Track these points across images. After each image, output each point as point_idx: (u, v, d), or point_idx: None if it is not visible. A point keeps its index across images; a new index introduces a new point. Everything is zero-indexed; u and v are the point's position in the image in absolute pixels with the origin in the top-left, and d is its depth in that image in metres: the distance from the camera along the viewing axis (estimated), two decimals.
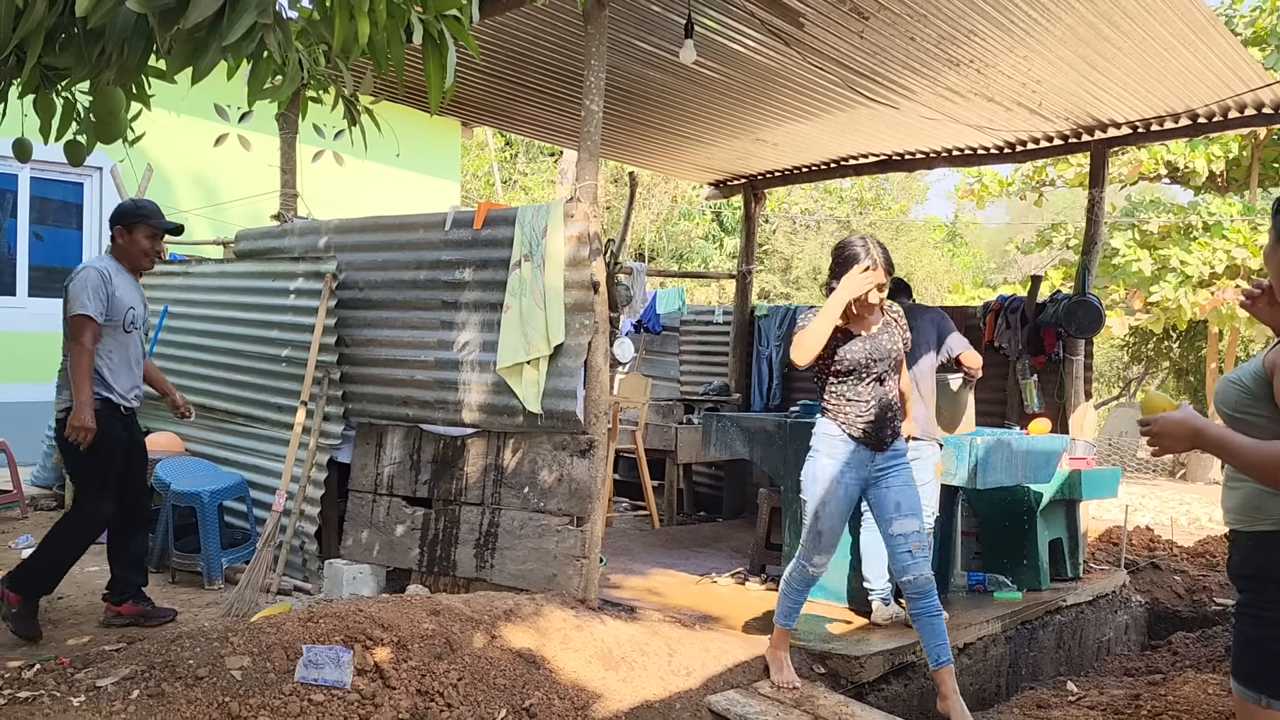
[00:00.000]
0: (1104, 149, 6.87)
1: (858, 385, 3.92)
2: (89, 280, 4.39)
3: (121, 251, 4.59)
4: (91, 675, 3.04)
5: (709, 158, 7.99)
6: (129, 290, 4.57)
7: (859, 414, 3.91)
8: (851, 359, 3.90)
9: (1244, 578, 2.29)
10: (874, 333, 3.96)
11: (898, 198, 25.80)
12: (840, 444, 3.92)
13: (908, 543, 3.87)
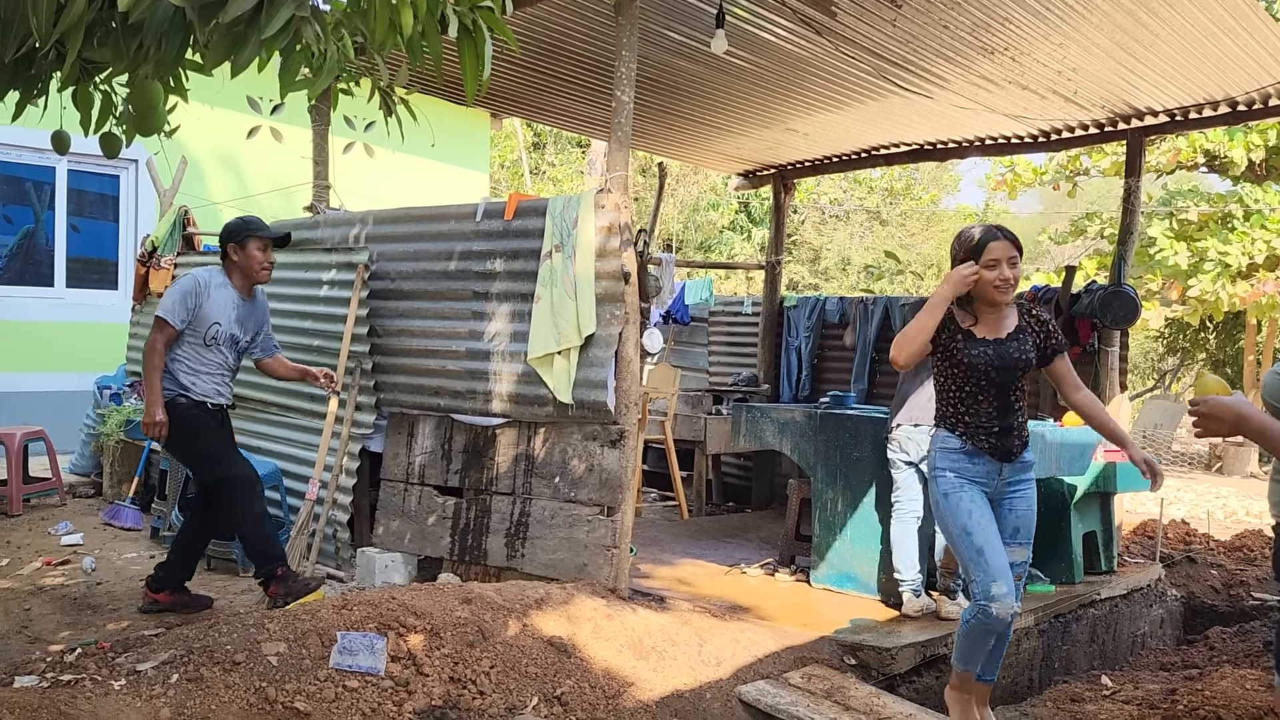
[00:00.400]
0: (1140, 137, 6.77)
1: (978, 395, 3.50)
2: (183, 286, 4.53)
3: (236, 267, 4.67)
4: (132, 660, 3.09)
5: (738, 148, 7.96)
6: (224, 307, 4.61)
7: (981, 425, 3.51)
8: (971, 365, 3.47)
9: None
10: (1004, 338, 3.51)
11: (928, 188, 25.58)
12: (964, 457, 3.53)
13: (1014, 570, 3.54)
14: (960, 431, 3.54)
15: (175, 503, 5.96)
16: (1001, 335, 3.50)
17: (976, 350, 3.48)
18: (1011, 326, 3.53)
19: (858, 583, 5.21)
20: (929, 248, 24.54)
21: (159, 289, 7.50)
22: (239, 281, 4.70)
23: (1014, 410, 3.53)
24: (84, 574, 5.30)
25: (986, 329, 3.51)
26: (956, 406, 3.56)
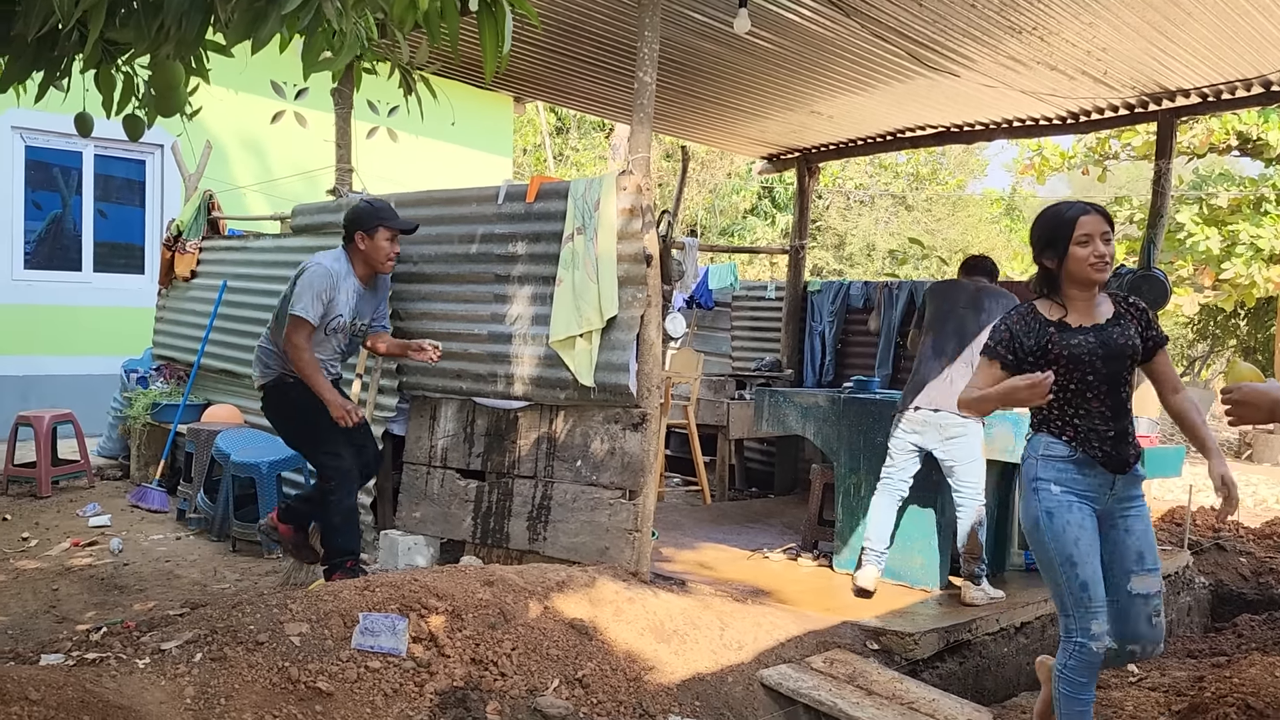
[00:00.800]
0: (1172, 119, 6.66)
1: (1086, 391, 3.09)
2: (316, 282, 4.40)
3: (360, 255, 4.54)
4: (156, 639, 3.11)
5: (762, 131, 7.90)
6: (348, 297, 4.55)
7: (1094, 428, 3.07)
8: (1073, 356, 3.08)
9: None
10: (1103, 324, 3.13)
11: (954, 172, 25.33)
12: (1072, 468, 3.09)
13: (1149, 605, 3.11)
14: (1069, 437, 3.09)
15: (200, 485, 6.01)
16: (1100, 321, 3.12)
17: (1076, 340, 3.08)
18: (1109, 313, 3.14)
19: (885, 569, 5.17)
20: (954, 233, 24.33)
21: (184, 273, 7.57)
22: (361, 270, 4.57)
23: (1127, 412, 3.10)
24: (111, 555, 5.36)
25: (1079, 316, 3.13)
26: (1064, 408, 3.11)
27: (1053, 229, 3.15)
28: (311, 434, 4.54)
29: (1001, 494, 5.44)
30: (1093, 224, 3.09)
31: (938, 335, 5.04)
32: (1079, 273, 3.10)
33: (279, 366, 4.52)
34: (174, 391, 7.25)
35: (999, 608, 4.74)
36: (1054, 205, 3.26)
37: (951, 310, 5.08)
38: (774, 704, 3.68)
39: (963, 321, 4.99)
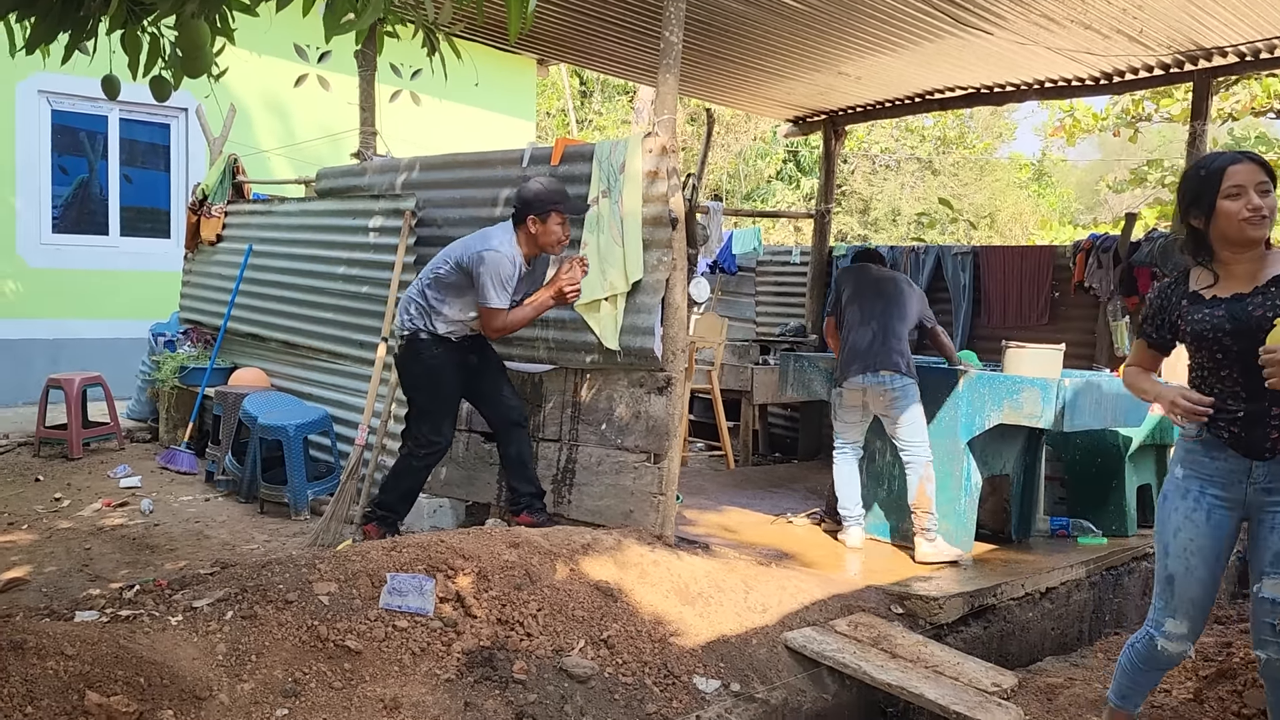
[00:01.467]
0: (1208, 79, 6.52)
1: (1219, 370, 2.78)
2: (502, 271, 4.41)
3: (530, 238, 4.49)
4: (188, 597, 3.15)
5: (788, 93, 7.80)
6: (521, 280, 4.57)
7: (1222, 406, 2.77)
8: (1196, 335, 2.79)
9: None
10: (1246, 293, 2.75)
11: (982, 135, 24.97)
12: (1199, 450, 2.84)
13: (1276, 612, 2.75)
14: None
15: (228, 447, 6.07)
16: (1245, 290, 2.75)
17: (1200, 315, 2.79)
18: (1270, 275, 2.74)
19: (904, 534, 5.17)
20: (981, 198, 24.02)
21: (210, 237, 7.60)
22: (527, 250, 4.53)
23: (1266, 392, 2.66)
24: (142, 515, 5.43)
25: (1235, 283, 2.77)
26: (1198, 385, 2.84)
27: (1197, 183, 2.80)
28: (428, 397, 4.63)
29: (1027, 460, 5.41)
30: (1245, 173, 2.73)
31: (861, 304, 5.19)
32: (1230, 231, 2.74)
33: (419, 321, 4.57)
34: (201, 355, 7.31)
35: (1024, 573, 4.72)
36: (1201, 158, 2.96)
37: (868, 281, 5.28)
38: (798, 666, 3.69)
39: (881, 288, 5.20)
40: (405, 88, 6.26)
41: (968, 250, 7.93)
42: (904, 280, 5.32)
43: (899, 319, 5.07)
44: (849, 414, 5.17)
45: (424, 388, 4.63)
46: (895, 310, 5.09)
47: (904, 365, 4.96)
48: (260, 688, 2.76)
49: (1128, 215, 7.08)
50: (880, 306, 5.11)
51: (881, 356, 4.96)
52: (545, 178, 4.60)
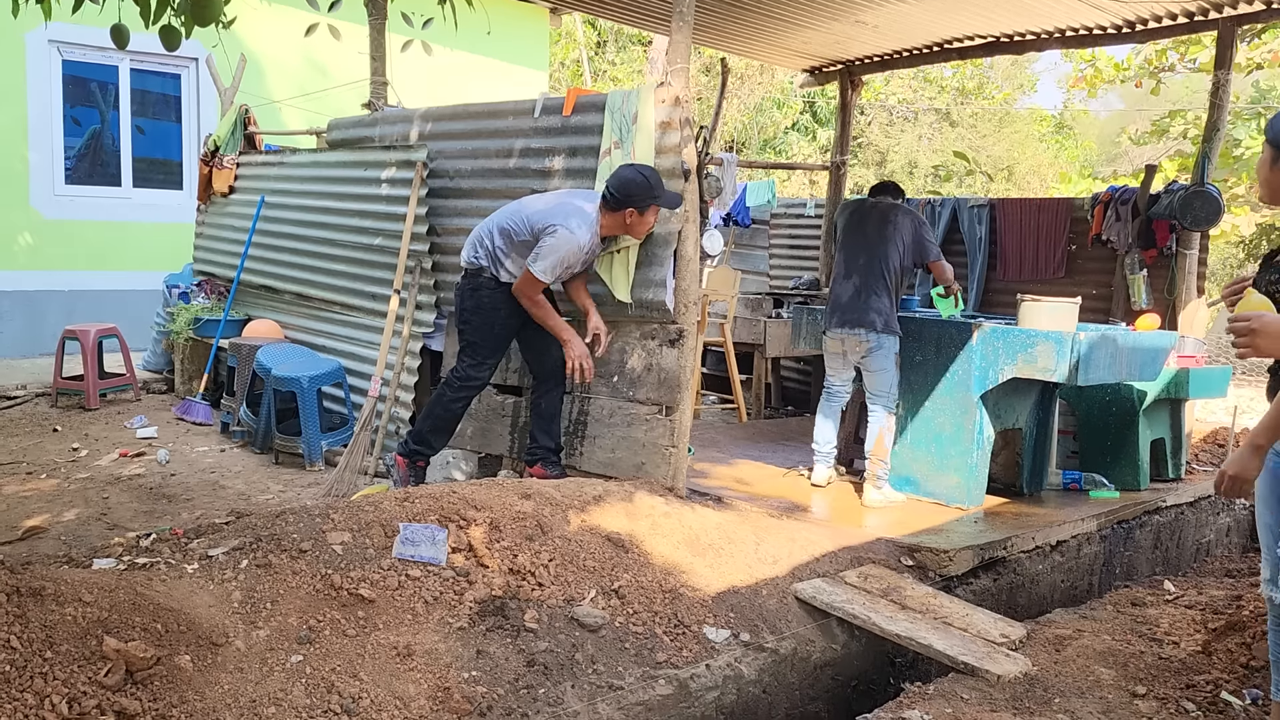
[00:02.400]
0: (1233, 27, 6.37)
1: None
2: (562, 250, 4.40)
3: (622, 225, 4.43)
4: (204, 545, 3.19)
5: (804, 42, 7.67)
6: (589, 256, 4.56)
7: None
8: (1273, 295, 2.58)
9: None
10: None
11: (1002, 86, 24.57)
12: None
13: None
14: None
15: (243, 399, 6.11)
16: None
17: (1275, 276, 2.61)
18: None
19: (916, 485, 5.18)
20: (1000, 150, 23.71)
21: (222, 189, 7.59)
22: (608, 232, 4.50)
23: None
24: (158, 465, 5.49)
25: None
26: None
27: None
28: (476, 333, 4.67)
29: (1040, 414, 5.39)
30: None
31: (847, 255, 5.24)
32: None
33: (485, 261, 4.61)
34: (215, 307, 7.33)
35: (1035, 526, 4.73)
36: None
37: (858, 228, 5.25)
38: (808, 617, 3.72)
39: (868, 238, 5.17)
40: (417, 37, 6.18)
41: (984, 203, 7.84)
42: (899, 220, 5.14)
43: (881, 272, 5.07)
44: (833, 359, 5.34)
45: (475, 323, 4.66)
46: (878, 263, 5.08)
47: (880, 324, 5.03)
48: (275, 634, 2.80)
49: (1148, 167, 6.98)
50: (864, 260, 5.14)
51: (860, 313, 5.07)
52: (644, 166, 4.42)
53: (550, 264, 4.42)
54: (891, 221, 5.15)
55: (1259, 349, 2.23)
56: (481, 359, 4.69)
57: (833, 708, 3.65)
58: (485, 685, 2.86)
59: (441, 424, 4.76)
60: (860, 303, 5.07)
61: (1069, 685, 3.28)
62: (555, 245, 4.39)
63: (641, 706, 3.03)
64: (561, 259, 4.42)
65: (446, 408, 4.74)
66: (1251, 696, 3.21)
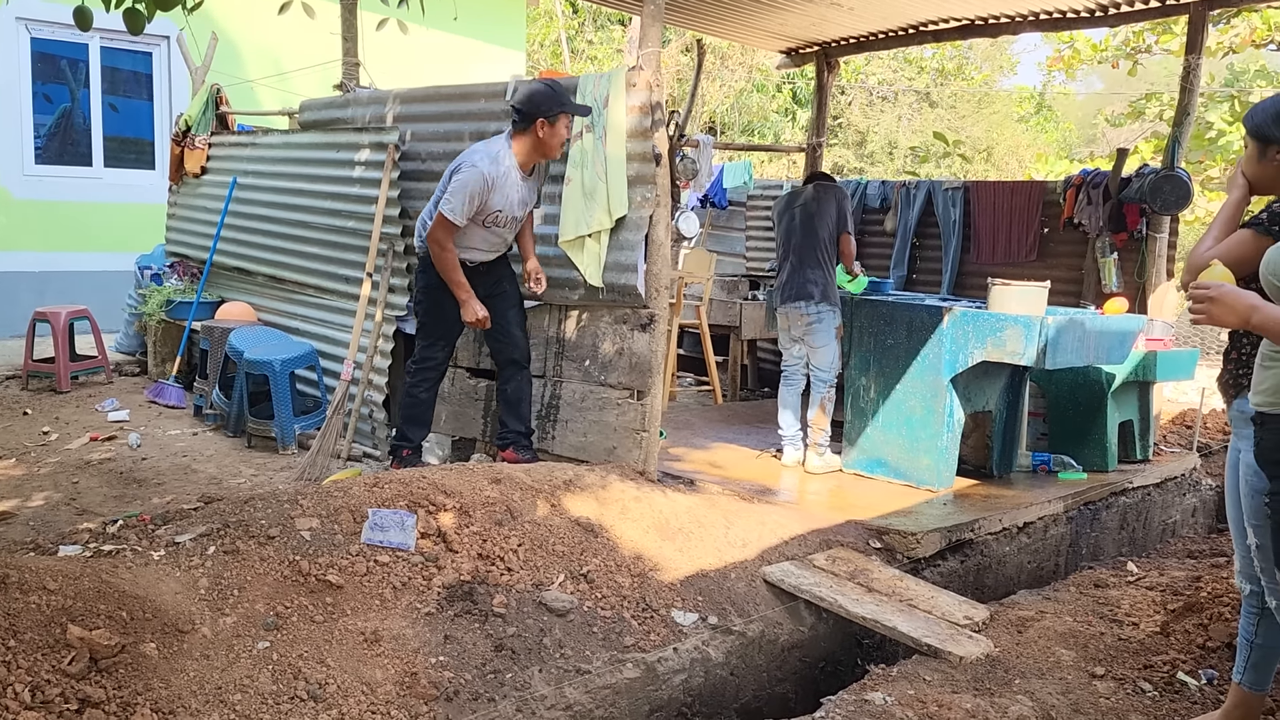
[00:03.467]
0: (1204, 11, 6.39)
1: None
2: (470, 185, 4.36)
3: (535, 143, 4.41)
4: (171, 532, 3.19)
5: (781, 23, 7.65)
6: (509, 192, 4.48)
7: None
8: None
9: (1275, 464, 2.17)
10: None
11: (981, 67, 24.58)
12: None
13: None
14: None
15: (216, 381, 6.08)
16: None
17: None
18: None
19: (888, 468, 5.22)
20: (979, 131, 23.76)
21: (194, 169, 7.52)
22: (526, 158, 4.47)
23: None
24: (130, 449, 5.46)
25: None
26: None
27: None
28: (427, 313, 4.70)
29: (1010, 396, 5.44)
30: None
31: (785, 238, 5.54)
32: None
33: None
34: (188, 288, 7.28)
35: (1002, 508, 4.78)
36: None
37: (791, 214, 5.52)
38: (776, 600, 3.76)
39: (798, 219, 5.45)
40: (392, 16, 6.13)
41: (959, 185, 7.87)
42: (823, 196, 5.43)
43: (814, 246, 5.36)
44: (783, 337, 5.56)
45: (425, 304, 4.69)
46: (810, 239, 5.37)
47: (817, 294, 5.30)
48: (242, 621, 2.81)
49: (1119, 151, 7.02)
50: (797, 239, 5.43)
51: (798, 287, 5.34)
52: (549, 79, 4.59)
53: (458, 203, 4.34)
54: (817, 199, 5.45)
55: (1213, 316, 2.27)
56: (433, 339, 4.72)
57: (800, 689, 3.70)
58: (452, 670, 2.88)
59: (412, 413, 4.78)
60: (798, 278, 5.35)
61: (1029, 666, 3.33)
62: (462, 182, 4.36)
63: (609, 690, 3.06)
64: (468, 195, 4.35)
65: (410, 394, 4.78)
66: (1207, 677, 3.28)
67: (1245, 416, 2.64)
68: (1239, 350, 2.77)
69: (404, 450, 4.80)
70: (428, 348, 4.73)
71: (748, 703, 3.50)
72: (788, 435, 5.53)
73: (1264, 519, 2.54)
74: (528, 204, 4.63)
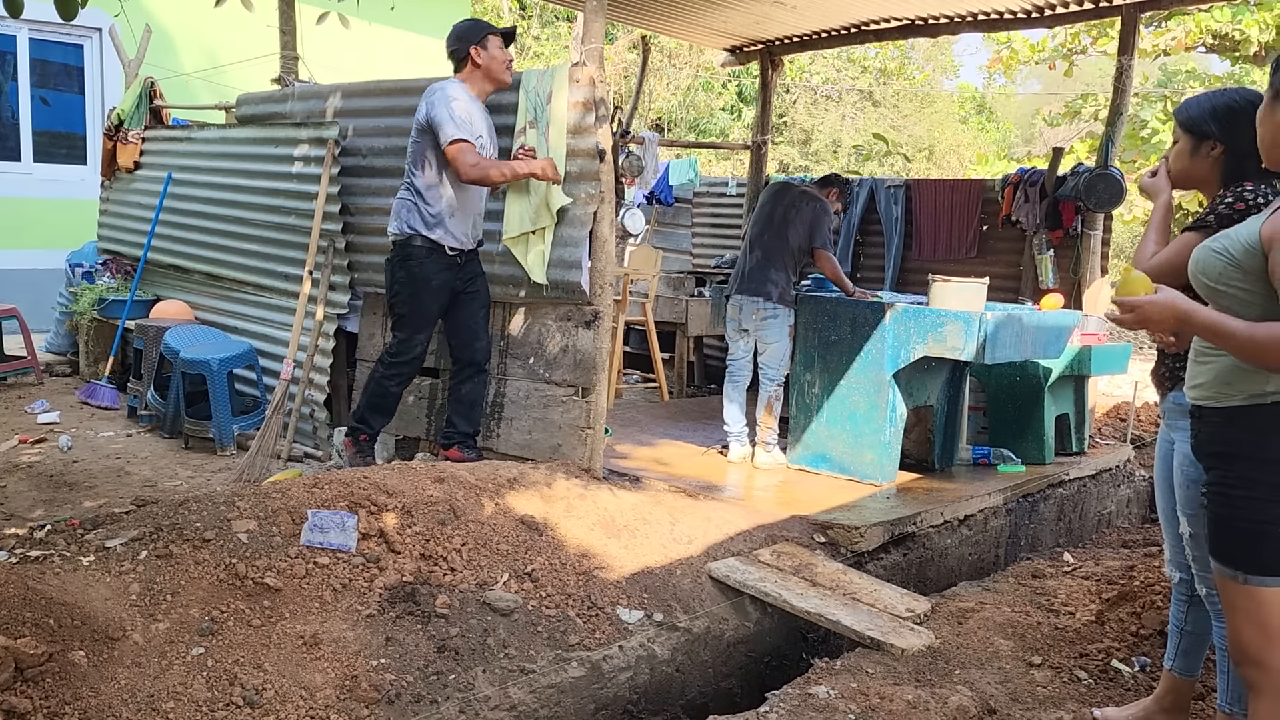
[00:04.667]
0: (1135, 13, 6.55)
1: None
2: (454, 105, 4.33)
3: (479, 72, 4.45)
4: (101, 536, 3.11)
5: (725, 21, 7.68)
6: (478, 121, 4.46)
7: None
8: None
9: (1211, 455, 2.22)
10: None
11: (923, 67, 24.92)
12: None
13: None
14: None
15: (150, 381, 5.94)
16: None
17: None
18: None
19: (832, 463, 5.27)
20: (921, 130, 24.09)
21: (127, 164, 7.34)
22: (479, 88, 4.50)
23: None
24: (60, 452, 5.31)
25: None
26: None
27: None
28: (405, 305, 4.57)
29: (951, 391, 5.52)
30: None
31: (755, 229, 5.51)
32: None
33: (411, 220, 4.49)
34: (121, 287, 7.10)
35: (944, 501, 4.85)
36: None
37: (770, 206, 5.50)
38: (721, 596, 3.77)
39: (774, 217, 5.43)
40: (332, 9, 6.03)
41: (900, 183, 7.97)
42: (803, 204, 5.40)
43: (782, 250, 5.35)
44: (732, 330, 5.51)
45: (403, 295, 4.57)
46: (781, 241, 5.35)
47: (775, 294, 5.30)
48: (176, 627, 2.75)
49: (1055, 150, 7.16)
50: (768, 236, 5.40)
51: (758, 284, 5.33)
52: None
53: (454, 124, 4.30)
54: (797, 205, 5.40)
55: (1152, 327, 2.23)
56: (411, 333, 4.60)
57: (746, 684, 3.71)
58: (394, 672, 2.84)
59: (379, 402, 4.68)
60: (760, 274, 5.34)
61: (969, 657, 3.38)
62: (441, 102, 4.35)
63: (554, 689, 3.04)
64: (454, 113, 4.32)
65: (381, 385, 4.66)
66: (1140, 664, 3.35)
67: (1180, 409, 2.70)
68: None
69: (362, 435, 4.69)
70: (406, 341, 4.59)
71: (693, 699, 3.51)
72: (733, 432, 5.53)
73: (1197, 508, 2.60)
74: (492, 142, 4.60)
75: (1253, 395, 2.11)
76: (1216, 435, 2.19)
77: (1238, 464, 2.14)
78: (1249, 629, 2.17)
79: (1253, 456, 2.13)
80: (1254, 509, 2.11)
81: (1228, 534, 2.18)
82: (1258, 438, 2.12)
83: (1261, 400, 2.10)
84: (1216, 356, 2.19)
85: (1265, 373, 2.09)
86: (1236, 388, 2.14)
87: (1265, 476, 2.11)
